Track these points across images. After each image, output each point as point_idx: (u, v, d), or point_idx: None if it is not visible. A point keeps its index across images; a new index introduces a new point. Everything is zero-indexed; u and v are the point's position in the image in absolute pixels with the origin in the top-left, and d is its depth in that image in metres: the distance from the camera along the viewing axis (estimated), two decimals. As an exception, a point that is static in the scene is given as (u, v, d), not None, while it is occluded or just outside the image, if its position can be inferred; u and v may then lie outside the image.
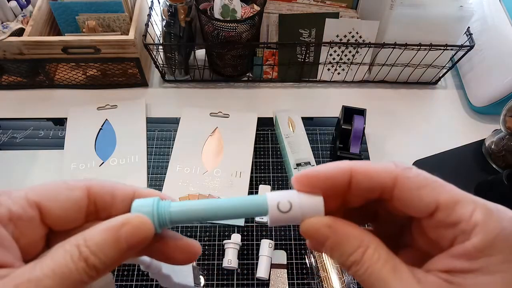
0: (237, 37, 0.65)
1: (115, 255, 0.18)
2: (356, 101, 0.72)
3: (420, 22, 0.66)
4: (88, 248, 0.17)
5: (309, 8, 0.72)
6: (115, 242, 0.18)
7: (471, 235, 0.18)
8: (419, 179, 0.20)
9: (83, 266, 0.17)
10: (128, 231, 0.18)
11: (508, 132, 0.59)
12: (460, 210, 0.18)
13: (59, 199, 0.19)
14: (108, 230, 0.18)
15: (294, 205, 0.20)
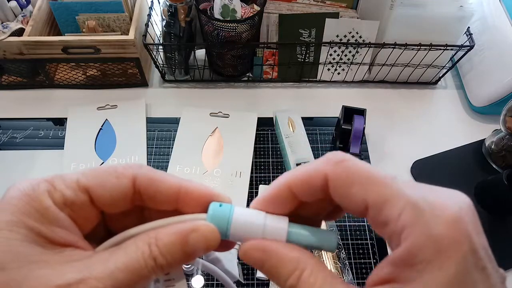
0: (237, 37, 0.65)
1: (181, 257, 0.19)
2: (356, 101, 0.72)
3: (420, 22, 0.66)
4: (158, 248, 0.18)
5: (309, 8, 0.72)
6: (183, 246, 0.19)
7: (401, 239, 0.16)
8: (347, 175, 0.19)
9: (151, 264, 0.18)
10: (196, 238, 0.19)
11: (508, 132, 0.59)
12: (388, 210, 0.17)
13: (107, 187, 0.20)
14: (178, 234, 0.19)
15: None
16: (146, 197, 0.21)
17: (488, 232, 0.64)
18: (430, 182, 0.66)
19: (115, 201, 0.20)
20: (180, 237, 0.19)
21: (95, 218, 0.21)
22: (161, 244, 0.19)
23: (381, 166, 0.65)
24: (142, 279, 0.18)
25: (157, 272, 0.18)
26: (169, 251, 0.19)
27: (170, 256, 0.19)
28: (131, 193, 0.21)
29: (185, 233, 0.19)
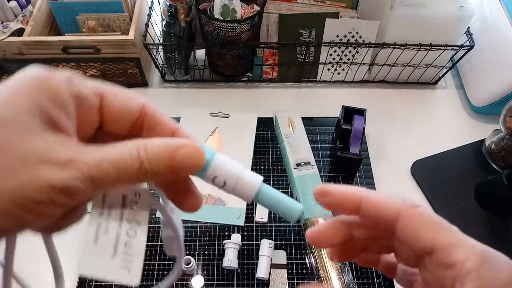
0: (237, 37, 0.65)
1: (165, 170, 0.19)
2: (356, 101, 0.72)
3: (420, 22, 0.66)
4: (146, 155, 0.19)
5: (309, 8, 0.72)
6: (169, 159, 0.19)
7: (465, 281, 0.18)
8: (421, 218, 0.21)
9: (137, 166, 0.19)
10: (183, 154, 0.20)
11: (508, 132, 0.59)
12: (455, 254, 0.19)
13: (119, 100, 0.21)
14: (167, 146, 0.20)
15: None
16: (146, 126, 0.22)
17: (488, 232, 0.64)
18: (430, 182, 0.66)
19: (121, 116, 0.21)
20: (169, 149, 0.19)
21: (93, 127, 0.21)
22: (149, 152, 0.19)
23: (381, 166, 0.65)
24: (124, 179, 0.19)
25: (139, 177, 0.19)
26: (156, 160, 0.19)
27: (156, 164, 0.19)
28: (137, 115, 0.22)
29: (173, 147, 0.20)
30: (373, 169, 0.64)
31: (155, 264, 0.54)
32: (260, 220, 0.58)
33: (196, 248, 0.56)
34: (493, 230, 0.58)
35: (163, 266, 0.54)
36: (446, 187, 0.61)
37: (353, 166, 0.62)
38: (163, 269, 0.54)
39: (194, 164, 0.20)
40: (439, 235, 0.20)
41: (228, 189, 0.22)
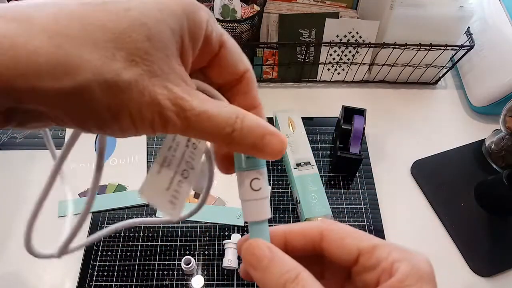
0: (237, 37, 0.65)
1: (248, 146, 0.20)
2: (356, 101, 0.72)
3: (420, 22, 0.66)
4: (242, 125, 0.20)
5: (309, 8, 0.72)
6: (258, 138, 0.20)
7: (392, 271, 0.20)
8: (342, 231, 0.23)
9: (228, 131, 0.19)
10: (270, 140, 0.20)
11: (508, 132, 0.59)
12: (378, 253, 0.21)
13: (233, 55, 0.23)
14: (261, 127, 0.20)
15: None
16: (238, 88, 0.23)
17: (488, 232, 0.64)
18: (430, 182, 0.67)
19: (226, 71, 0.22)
20: (262, 130, 0.20)
21: (198, 67, 0.22)
22: (245, 123, 0.20)
23: (381, 166, 0.65)
24: (212, 135, 0.19)
25: (224, 140, 0.20)
26: (247, 133, 0.20)
27: (244, 137, 0.20)
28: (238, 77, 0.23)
29: (266, 130, 0.20)
30: (373, 169, 0.64)
31: (155, 264, 0.54)
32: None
33: (196, 248, 0.56)
34: (493, 230, 0.58)
35: (163, 266, 0.54)
36: (446, 187, 0.61)
37: (353, 166, 0.62)
38: (163, 269, 0.54)
39: (272, 153, 0.21)
40: (363, 241, 0.22)
41: (250, 196, 0.23)
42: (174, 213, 0.22)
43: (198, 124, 0.19)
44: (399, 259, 0.20)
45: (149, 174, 0.21)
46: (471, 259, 0.55)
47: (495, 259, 0.55)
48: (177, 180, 0.22)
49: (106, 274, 0.53)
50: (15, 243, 0.56)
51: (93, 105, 0.16)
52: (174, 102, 0.18)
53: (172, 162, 0.22)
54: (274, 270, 0.20)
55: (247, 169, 0.22)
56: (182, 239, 0.57)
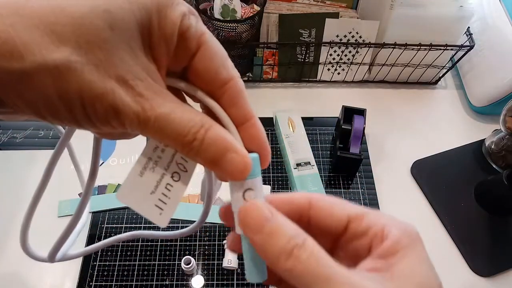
0: (237, 37, 0.65)
1: (206, 160, 0.19)
2: (356, 101, 0.72)
3: (420, 22, 0.66)
4: (204, 136, 0.19)
5: (309, 8, 0.72)
6: (217, 154, 0.19)
7: (384, 235, 0.20)
8: (330, 200, 0.22)
9: (188, 139, 0.19)
10: (231, 159, 0.19)
11: (508, 132, 0.59)
12: (368, 219, 0.21)
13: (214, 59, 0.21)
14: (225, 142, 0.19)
15: None
16: (225, 99, 0.21)
17: (488, 232, 0.64)
18: (430, 182, 0.66)
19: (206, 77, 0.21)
20: (224, 145, 0.19)
21: (178, 68, 0.21)
22: (208, 135, 0.19)
23: (381, 166, 0.65)
24: (170, 140, 0.19)
25: (183, 148, 0.19)
26: (207, 146, 0.19)
27: (204, 150, 0.19)
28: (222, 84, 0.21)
29: (228, 147, 0.19)
30: (373, 169, 0.64)
31: (155, 264, 0.54)
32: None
33: (196, 248, 0.56)
34: (493, 230, 0.58)
35: (163, 266, 0.54)
36: (446, 187, 0.61)
37: (353, 166, 0.62)
38: (163, 269, 0.54)
39: (232, 173, 0.20)
40: (352, 209, 0.22)
41: None
42: (161, 218, 0.21)
43: (157, 126, 0.18)
44: (389, 224, 0.21)
45: (129, 176, 0.20)
46: (471, 259, 0.55)
47: (495, 259, 0.55)
48: (165, 183, 0.21)
49: (106, 274, 0.53)
50: (15, 243, 0.56)
51: (44, 92, 0.16)
52: (134, 99, 0.17)
53: (158, 164, 0.21)
54: (280, 234, 0.19)
55: None
56: (182, 239, 0.57)
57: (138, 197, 0.20)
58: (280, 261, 0.18)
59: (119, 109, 0.17)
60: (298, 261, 0.18)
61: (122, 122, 0.18)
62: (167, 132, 0.18)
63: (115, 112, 0.17)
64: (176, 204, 0.21)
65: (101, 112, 0.17)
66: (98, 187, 0.61)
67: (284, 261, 0.18)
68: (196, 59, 0.20)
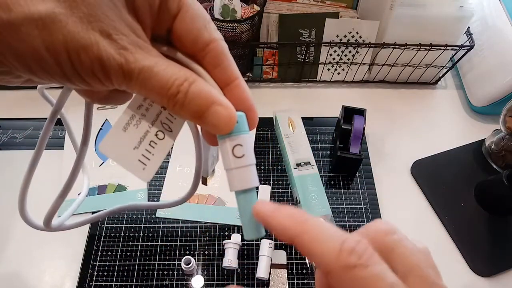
0: (237, 37, 0.65)
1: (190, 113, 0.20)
2: (356, 101, 0.72)
3: (420, 22, 0.66)
4: (188, 89, 0.19)
5: (309, 8, 0.72)
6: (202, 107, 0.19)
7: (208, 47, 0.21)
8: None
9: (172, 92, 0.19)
10: (215, 112, 0.20)
11: (508, 132, 0.59)
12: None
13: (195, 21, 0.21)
14: (209, 96, 0.20)
15: None
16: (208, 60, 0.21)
17: (488, 232, 0.64)
18: (430, 182, 0.67)
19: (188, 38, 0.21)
20: (209, 99, 0.19)
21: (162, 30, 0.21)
22: (192, 89, 0.19)
23: (381, 166, 0.65)
24: (154, 94, 0.19)
25: (168, 101, 0.19)
26: (192, 98, 0.19)
27: (188, 102, 0.19)
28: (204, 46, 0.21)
29: (213, 100, 0.20)
30: (373, 169, 0.64)
31: (155, 264, 0.54)
32: (260, 220, 0.58)
33: (196, 248, 0.56)
34: (493, 230, 0.58)
35: (163, 266, 0.54)
36: (446, 187, 0.61)
37: (353, 166, 0.62)
38: (163, 269, 0.54)
39: (216, 125, 0.20)
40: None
41: (234, 164, 0.21)
42: (144, 173, 0.21)
43: (141, 79, 0.18)
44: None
45: (112, 129, 0.21)
46: (471, 259, 0.55)
47: (495, 259, 0.55)
48: (148, 140, 0.21)
49: (106, 274, 0.53)
50: (15, 243, 0.56)
51: (32, 43, 0.16)
52: (118, 52, 0.18)
53: (141, 121, 0.21)
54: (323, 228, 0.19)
55: (227, 135, 0.21)
56: (182, 239, 0.57)
57: (121, 151, 0.21)
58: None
59: (104, 60, 0.17)
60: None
61: (107, 74, 0.18)
62: (151, 84, 0.18)
63: (100, 64, 0.18)
64: (160, 160, 0.22)
65: (87, 64, 0.17)
66: (98, 187, 0.61)
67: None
68: (177, 21, 0.20)
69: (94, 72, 0.18)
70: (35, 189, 0.60)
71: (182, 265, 0.53)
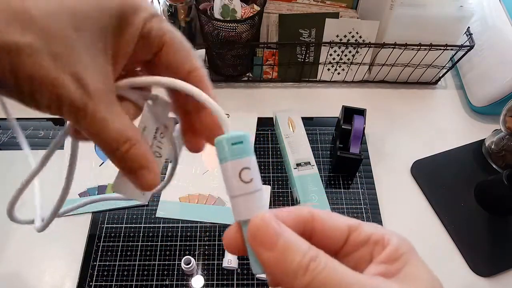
0: (237, 37, 0.65)
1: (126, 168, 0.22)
2: (356, 101, 0.72)
3: (420, 22, 0.66)
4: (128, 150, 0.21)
5: (309, 8, 0.72)
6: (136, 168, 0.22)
7: (385, 243, 0.21)
8: (329, 212, 0.22)
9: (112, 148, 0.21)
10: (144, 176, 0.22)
11: (508, 132, 0.59)
12: (366, 228, 0.21)
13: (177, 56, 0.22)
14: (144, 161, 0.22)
15: None
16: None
17: (488, 232, 0.64)
18: (430, 182, 0.66)
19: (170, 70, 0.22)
20: (140, 162, 0.21)
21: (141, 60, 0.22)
22: (132, 151, 0.21)
23: (381, 166, 0.65)
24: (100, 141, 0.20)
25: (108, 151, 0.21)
26: (126, 158, 0.21)
27: (123, 160, 0.21)
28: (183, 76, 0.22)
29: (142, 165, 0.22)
30: (373, 169, 0.64)
31: (155, 264, 0.54)
32: (260, 220, 0.58)
33: (196, 248, 0.56)
34: (493, 230, 0.58)
35: (163, 266, 0.54)
36: (446, 187, 0.61)
37: (353, 166, 0.62)
38: (163, 269, 0.54)
39: (141, 186, 0.22)
40: (349, 221, 0.22)
41: (241, 190, 0.20)
42: (143, 198, 0.25)
43: (92, 125, 0.19)
44: (387, 232, 0.21)
45: (118, 176, 0.24)
46: (471, 259, 0.55)
47: (495, 259, 0.55)
48: None
49: (106, 274, 0.53)
50: (15, 243, 0.56)
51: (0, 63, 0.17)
52: (81, 97, 0.18)
53: None
54: (294, 249, 0.18)
55: (233, 158, 0.20)
56: (182, 239, 0.57)
57: (129, 188, 0.24)
58: (298, 277, 0.18)
59: (63, 100, 0.18)
60: (316, 274, 0.18)
61: (61, 110, 0.19)
62: (99, 135, 0.20)
63: (58, 101, 0.18)
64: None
65: (46, 96, 0.18)
66: (98, 187, 0.61)
67: (301, 276, 0.18)
68: (160, 55, 0.22)
69: (48, 105, 0.18)
70: (36, 190, 0.60)
71: (182, 265, 0.53)
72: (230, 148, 0.20)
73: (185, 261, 0.53)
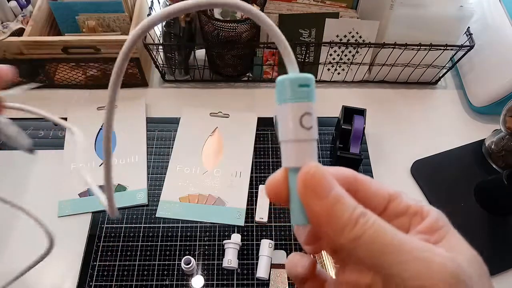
0: (237, 37, 0.65)
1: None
2: (356, 101, 0.72)
3: (420, 22, 0.66)
4: None
5: (309, 8, 0.72)
6: None
7: (424, 214, 0.21)
8: (370, 179, 0.22)
9: None
10: None
11: (508, 132, 0.59)
12: (405, 199, 0.22)
13: None
14: None
15: None
16: None
17: (488, 232, 0.64)
18: (430, 182, 0.66)
19: None
20: None
21: None
22: None
23: (381, 166, 0.65)
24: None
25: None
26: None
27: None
28: None
29: None
30: (373, 169, 0.64)
31: (155, 264, 0.54)
32: (260, 220, 0.58)
33: (196, 248, 0.56)
34: (493, 230, 0.58)
35: (163, 266, 0.54)
36: (446, 187, 0.61)
37: (353, 166, 0.62)
38: (163, 269, 0.54)
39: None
40: (390, 189, 0.22)
41: (300, 135, 0.19)
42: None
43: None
44: (425, 205, 0.21)
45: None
46: (471, 259, 0.55)
47: (495, 259, 0.55)
48: None
49: (106, 274, 0.53)
50: (15, 243, 0.56)
51: None
52: None
53: None
54: (346, 202, 0.18)
55: (296, 100, 0.18)
56: (182, 239, 0.57)
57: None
58: (345, 231, 0.18)
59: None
60: (366, 229, 0.18)
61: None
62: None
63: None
64: None
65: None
66: (98, 187, 0.60)
67: (349, 230, 0.18)
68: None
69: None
70: (35, 189, 0.60)
71: (182, 265, 0.53)
72: (296, 89, 0.18)
73: (185, 261, 0.53)
